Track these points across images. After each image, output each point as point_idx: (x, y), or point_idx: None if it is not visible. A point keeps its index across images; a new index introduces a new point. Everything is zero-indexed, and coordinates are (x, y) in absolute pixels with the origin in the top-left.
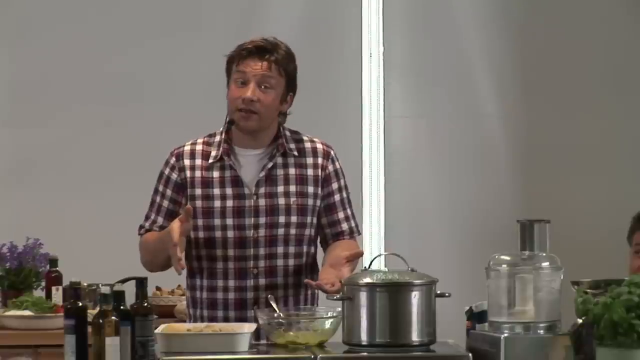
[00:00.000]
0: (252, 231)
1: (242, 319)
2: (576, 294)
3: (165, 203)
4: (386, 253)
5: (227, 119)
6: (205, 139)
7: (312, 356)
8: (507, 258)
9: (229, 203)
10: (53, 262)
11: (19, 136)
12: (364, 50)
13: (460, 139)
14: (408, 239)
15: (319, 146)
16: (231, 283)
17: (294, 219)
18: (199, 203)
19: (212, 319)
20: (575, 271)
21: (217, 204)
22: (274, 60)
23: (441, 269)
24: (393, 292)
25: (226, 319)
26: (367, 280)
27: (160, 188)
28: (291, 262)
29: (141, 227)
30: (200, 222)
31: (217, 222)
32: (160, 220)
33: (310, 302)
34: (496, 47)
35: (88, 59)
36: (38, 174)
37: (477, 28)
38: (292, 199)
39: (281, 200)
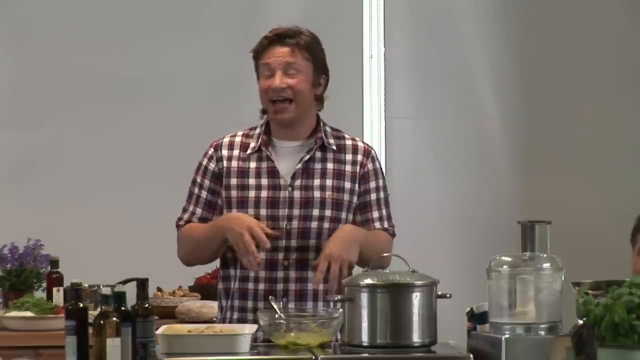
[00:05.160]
0: (285, 222)
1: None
2: (577, 295)
3: (204, 194)
4: (387, 254)
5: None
6: (246, 131)
7: (313, 357)
8: (508, 259)
9: (264, 193)
10: (54, 263)
11: (19, 136)
12: (365, 51)
13: (461, 140)
14: (409, 240)
15: (360, 144)
16: (262, 274)
17: (328, 212)
18: (234, 193)
19: (242, 310)
20: (576, 272)
21: (252, 194)
22: (295, 44)
23: (442, 270)
24: (394, 293)
25: (254, 310)
26: (368, 281)
27: (198, 179)
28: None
29: (179, 219)
30: (234, 212)
31: (250, 212)
32: (198, 211)
33: None
34: (497, 47)
35: (88, 59)
36: (38, 174)
37: (478, 28)
38: (328, 193)
39: (316, 194)
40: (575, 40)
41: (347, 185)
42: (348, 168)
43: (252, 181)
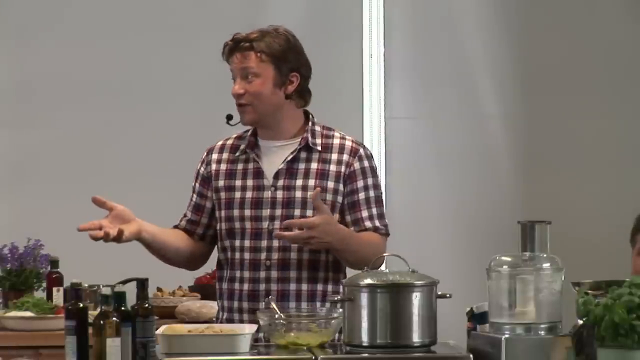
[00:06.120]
0: (267, 222)
1: (255, 310)
2: (577, 295)
3: (194, 197)
4: (387, 254)
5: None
6: (240, 133)
7: (313, 357)
8: (508, 259)
9: (248, 194)
10: (54, 263)
11: (19, 136)
12: (365, 51)
13: (460, 140)
14: (409, 240)
15: (348, 143)
16: (246, 274)
17: (309, 212)
18: (222, 194)
19: (230, 310)
20: (576, 272)
21: (238, 194)
22: (248, 47)
23: (442, 270)
24: (394, 293)
25: (240, 310)
26: (368, 281)
27: (193, 183)
28: (306, 256)
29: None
30: (223, 213)
31: (236, 212)
32: (189, 214)
33: (325, 297)
34: (497, 47)
35: (88, 60)
36: (38, 174)
37: (478, 28)
38: (310, 193)
39: (298, 194)
40: (575, 40)
41: (331, 185)
42: (332, 167)
43: (238, 182)
